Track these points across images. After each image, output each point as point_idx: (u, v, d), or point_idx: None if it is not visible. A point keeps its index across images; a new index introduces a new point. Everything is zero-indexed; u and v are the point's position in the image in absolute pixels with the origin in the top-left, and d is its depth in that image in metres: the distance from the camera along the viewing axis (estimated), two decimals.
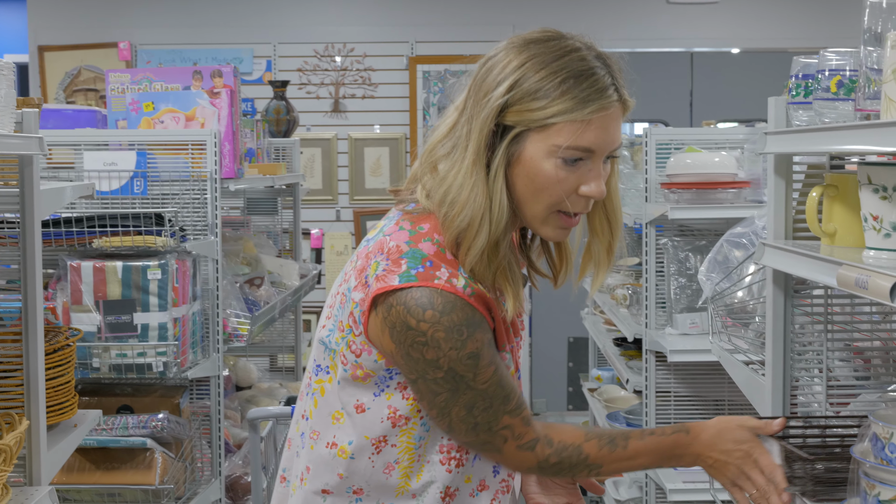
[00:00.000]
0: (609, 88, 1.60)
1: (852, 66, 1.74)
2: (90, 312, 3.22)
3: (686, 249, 3.64)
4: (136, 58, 6.93)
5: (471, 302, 1.61)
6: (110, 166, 3.54)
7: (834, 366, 2.03)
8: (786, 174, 1.98)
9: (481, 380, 1.62)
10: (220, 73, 3.79)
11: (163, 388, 3.55)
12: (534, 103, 1.58)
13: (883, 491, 1.36)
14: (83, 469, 3.24)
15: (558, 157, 1.58)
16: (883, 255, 1.59)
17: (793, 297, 2.01)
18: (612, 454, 1.68)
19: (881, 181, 1.60)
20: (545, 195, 1.61)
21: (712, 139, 3.85)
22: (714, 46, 7.68)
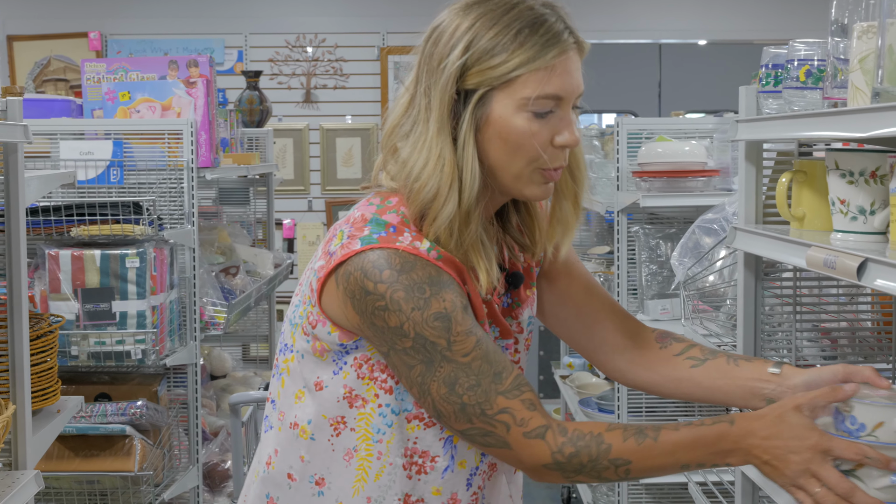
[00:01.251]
0: (564, 32, 1.55)
1: (820, 56, 1.81)
2: (68, 301, 3.24)
3: (657, 237, 3.71)
4: (106, 48, 6.92)
5: (435, 263, 1.52)
6: (87, 155, 3.56)
7: (802, 346, 2.10)
8: (756, 161, 2.04)
9: (459, 350, 1.49)
10: (196, 63, 3.82)
11: (140, 377, 3.59)
12: (493, 60, 1.51)
13: (843, 462, 1.43)
14: (62, 456, 3.26)
15: (528, 111, 1.52)
16: (850, 237, 1.66)
17: (763, 280, 2.07)
18: (640, 447, 1.46)
19: (848, 166, 1.67)
20: (522, 152, 1.53)
21: (682, 129, 3.92)
22: (682, 38, 7.76)
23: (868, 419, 1.45)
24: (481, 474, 1.67)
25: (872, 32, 1.52)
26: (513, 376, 1.51)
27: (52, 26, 6.95)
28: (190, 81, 3.75)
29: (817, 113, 1.63)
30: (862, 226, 1.65)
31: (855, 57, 1.55)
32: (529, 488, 5.80)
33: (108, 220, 3.29)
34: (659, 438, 1.46)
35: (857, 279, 1.43)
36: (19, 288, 2.23)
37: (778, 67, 1.90)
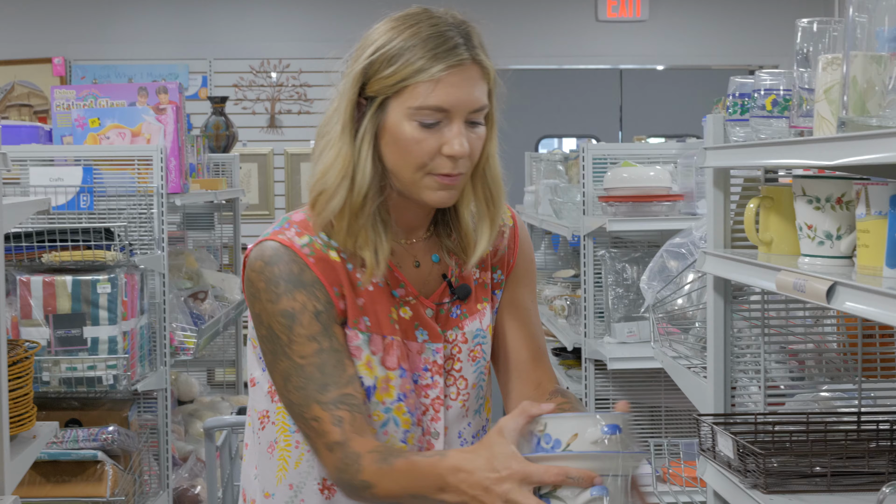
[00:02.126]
0: (459, 48, 1.60)
1: (786, 86, 1.87)
2: (40, 326, 3.24)
3: (623, 260, 3.77)
4: (70, 73, 6.92)
5: (305, 260, 1.62)
6: (57, 182, 3.57)
7: (771, 367, 2.16)
8: (724, 187, 2.10)
9: (298, 352, 1.61)
10: (166, 90, 3.84)
11: (110, 402, 3.58)
12: (387, 70, 1.59)
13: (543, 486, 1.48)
14: (33, 482, 3.25)
15: (414, 120, 1.59)
16: (817, 261, 1.72)
17: (731, 303, 2.13)
18: (380, 470, 1.55)
19: (815, 193, 1.73)
20: (410, 158, 1.60)
21: (646, 154, 3.99)
22: (641, 63, 7.88)
23: (561, 433, 1.47)
24: None
25: (837, 64, 1.59)
26: (338, 393, 1.60)
27: (16, 51, 6.94)
28: (159, 108, 3.78)
29: (785, 141, 1.69)
30: (829, 250, 1.72)
31: (820, 87, 1.62)
32: None
33: (79, 246, 3.30)
34: (394, 465, 1.55)
35: (826, 302, 1.48)
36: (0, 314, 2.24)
37: (745, 96, 1.96)
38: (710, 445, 2.04)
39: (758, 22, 7.61)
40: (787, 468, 1.88)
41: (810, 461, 1.88)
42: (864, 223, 1.56)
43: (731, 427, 2.03)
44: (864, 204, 1.56)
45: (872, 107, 1.50)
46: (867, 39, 1.52)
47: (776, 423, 2.01)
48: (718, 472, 1.99)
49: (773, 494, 1.82)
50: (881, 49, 1.49)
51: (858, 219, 1.57)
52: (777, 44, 7.36)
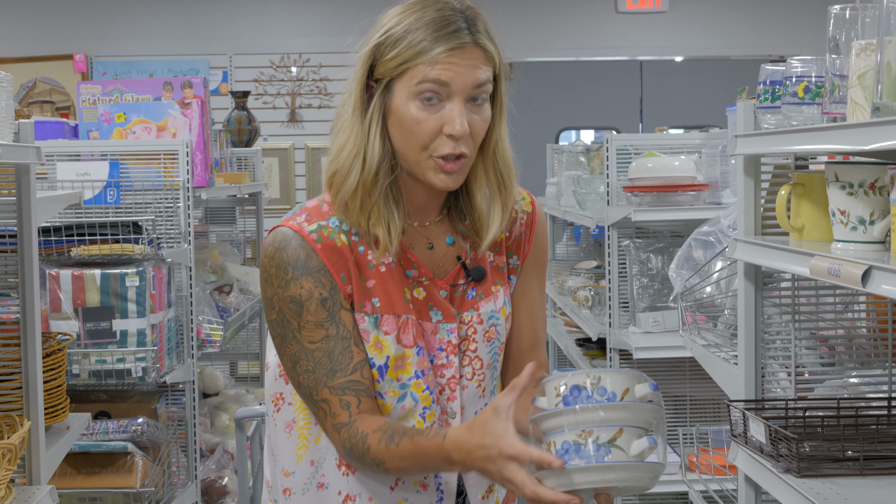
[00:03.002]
0: (461, 31, 1.63)
1: (817, 73, 1.87)
2: (69, 320, 3.27)
3: (647, 251, 3.78)
4: (91, 69, 6.96)
5: (313, 246, 1.66)
6: (83, 176, 3.60)
7: (801, 353, 2.16)
8: (755, 174, 2.11)
9: (307, 337, 1.66)
10: (191, 84, 3.87)
11: (139, 395, 3.62)
12: (391, 52, 1.63)
13: None
14: (65, 474, 3.29)
15: (417, 99, 1.62)
16: (850, 246, 1.73)
17: (762, 290, 2.13)
18: (387, 450, 1.62)
19: (847, 178, 1.73)
20: (413, 139, 1.64)
21: (670, 144, 3.99)
22: (661, 55, 7.87)
23: (616, 387, 1.50)
24: None
25: (871, 50, 1.59)
26: (346, 379, 1.67)
27: (37, 48, 6.99)
28: (185, 102, 3.80)
29: (818, 127, 1.70)
30: (862, 235, 1.72)
31: (853, 73, 1.62)
32: None
33: (107, 240, 3.33)
34: (400, 444, 1.61)
35: (862, 286, 1.49)
36: (32, 306, 2.27)
37: (776, 84, 1.97)
38: (741, 431, 2.05)
39: (777, 12, 7.59)
40: (818, 452, 1.89)
41: (842, 445, 1.89)
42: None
43: (762, 413, 2.04)
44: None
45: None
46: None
47: (807, 409, 2.02)
48: (750, 457, 2.00)
49: (806, 478, 1.83)
50: None
51: (893, 203, 1.58)
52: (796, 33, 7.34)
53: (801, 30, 7.38)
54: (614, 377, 1.51)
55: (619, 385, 1.51)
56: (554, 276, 5.33)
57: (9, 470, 2.04)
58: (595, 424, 1.48)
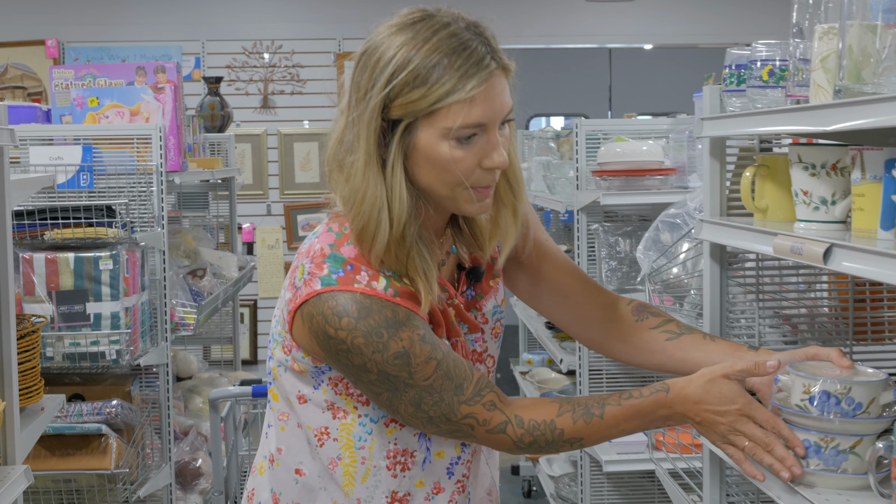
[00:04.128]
0: (486, 58, 1.55)
1: (781, 57, 1.90)
2: (43, 303, 3.26)
3: (616, 234, 3.80)
4: (63, 55, 6.90)
5: (395, 301, 1.59)
6: (56, 161, 3.58)
7: (765, 332, 2.19)
8: (720, 156, 2.13)
9: (420, 377, 1.58)
10: (164, 69, 3.85)
11: (113, 377, 3.61)
12: (415, 93, 1.53)
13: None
14: (39, 456, 3.28)
15: (451, 139, 1.55)
16: (813, 225, 1.75)
17: (727, 270, 2.16)
18: (589, 425, 1.61)
19: (810, 160, 1.76)
20: (448, 177, 1.57)
21: (638, 130, 4.01)
22: (629, 42, 7.90)
23: (863, 398, 1.59)
24: (464, 464, 1.76)
25: (833, 34, 1.61)
26: (473, 384, 1.61)
27: (8, 34, 6.92)
28: (158, 87, 3.79)
29: (782, 109, 1.72)
30: (824, 215, 1.75)
31: (816, 57, 1.64)
32: None
33: (81, 224, 3.32)
34: (605, 415, 1.61)
35: (823, 263, 1.51)
36: (7, 289, 2.26)
37: (741, 68, 1.99)
38: None
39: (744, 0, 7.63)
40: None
41: None
42: (860, 187, 1.59)
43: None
44: (860, 169, 1.59)
45: (867, 75, 1.53)
46: (862, 10, 1.55)
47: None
48: None
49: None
50: (875, 19, 1.51)
51: (854, 183, 1.60)
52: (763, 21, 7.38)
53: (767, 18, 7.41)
54: (863, 389, 1.59)
55: (865, 396, 1.59)
56: None
57: None
58: (839, 433, 1.59)
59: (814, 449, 1.61)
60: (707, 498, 2.21)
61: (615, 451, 3.66)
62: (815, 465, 1.61)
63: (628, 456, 3.63)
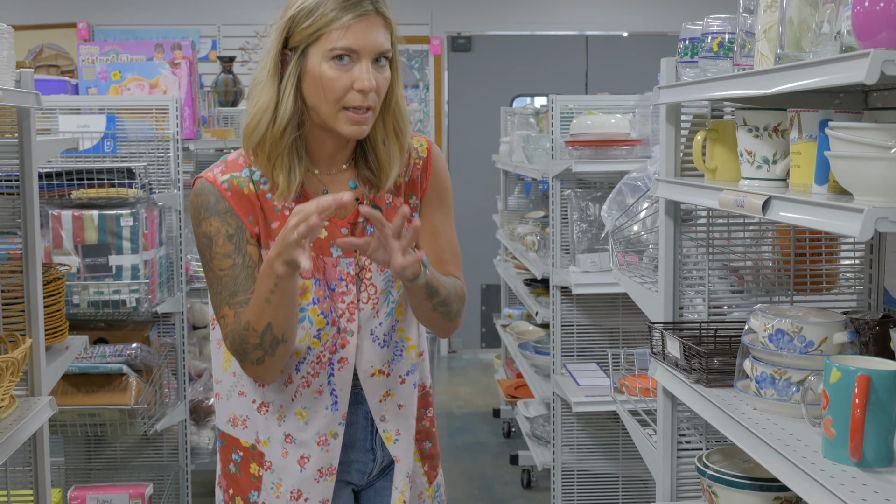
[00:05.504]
0: (364, 2, 1.71)
1: (730, 31, 1.88)
2: (70, 255, 3.25)
3: (587, 199, 3.79)
4: (93, 37, 6.84)
5: (222, 192, 1.76)
6: (83, 128, 3.56)
7: (714, 283, 2.19)
8: (675, 122, 2.12)
9: (217, 265, 1.76)
10: (180, 46, 3.82)
11: (133, 324, 3.60)
12: (305, 22, 1.69)
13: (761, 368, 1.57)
14: (66, 392, 3.28)
15: (330, 60, 1.69)
16: (756, 183, 1.75)
17: (681, 225, 2.15)
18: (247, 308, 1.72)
19: (754, 123, 1.75)
20: (328, 94, 1.71)
21: (608, 105, 4.00)
22: (606, 30, 7.85)
23: (815, 336, 1.61)
24: (310, 363, 1.82)
25: (775, 7, 1.60)
26: (245, 297, 1.74)
27: (44, 17, 6.87)
28: (174, 63, 3.76)
29: (729, 76, 1.71)
30: (766, 173, 1.74)
31: (760, 28, 1.63)
32: (472, 422, 5.90)
33: (104, 185, 3.30)
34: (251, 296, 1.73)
35: (762, 214, 1.51)
36: (33, 239, 2.25)
37: (694, 41, 1.97)
38: (660, 349, 2.08)
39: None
40: (726, 367, 1.92)
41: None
42: (797, 146, 1.59)
43: (678, 333, 2.06)
44: (797, 129, 1.58)
45: (806, 44, 1.52)
46: None
47: (718, 329, 2.05)
48: (667, 372, 2.03)
49: (714, 388, 1.86)
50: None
51: (792, 142, 1.59)
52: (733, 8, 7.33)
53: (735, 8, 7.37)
54: (813, 328, 1.62)
55: (817, 335, 1.62)
56: (506, 225, 5.34)
57: (12, 381, 2.03)
58: (790, 367, 1.63)
59: (769, 381, 1.63)
60: (661, 430, 2.22)
61: (583, 394, 3.68)
62: (770, 395, 1.62)
63: (595, 398, 3.64)
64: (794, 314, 1.66)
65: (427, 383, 1.99)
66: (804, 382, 1.58)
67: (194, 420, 4.04)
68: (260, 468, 1.87)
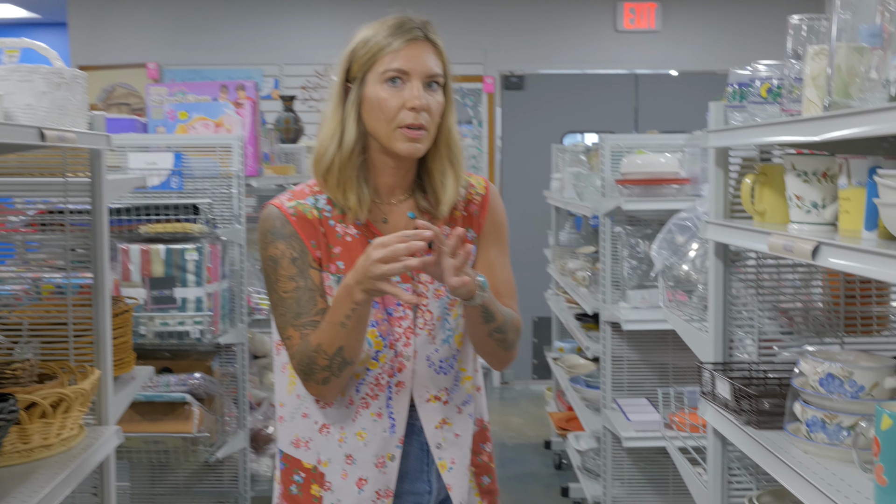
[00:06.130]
0: (415, 30, 1.77)
1: (778, 76, 1.87)
2: (137, 287, 3.30)
3: (636, 236, 3.77)
4: (162, 76, 6.99)
5: (288, 217, 1.81)
6: (151, 165, 3.62)
7: (764, 323, 2.16)
8: (724, 165, 2.10)
9: (282, 288, 1.79)
10: (244, 87, 3.88)
11: (197, 354, 3.64)
12: (362, 51, 1.77)
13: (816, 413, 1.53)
14: (132, 420, 3.32)
15: (384, 82, 1.75)
16: (805, 227, 1.73)
17: (730, 266, 2.13)
18: (318, 331, 1.74)
19: (803, 168, 1.73)
20: (383, 114, 1.76)
21: (657, 144, 3.98)
22: (655, 69, 7.82)
23: (865, 381, 1.58)
24: (369, 385, 1.84)
25: (823, 54, 1.59)
26: (308, 319, 1.77)
27: (117, 58, 7.04)
28: (238, 103, 3.82)
29: (777, 122, 1.69)
30: (815, 217, 1.72)
31: (808, 75, 1.62)
32: (523, 453, 5.86)
33: (170, 220, 3.36)
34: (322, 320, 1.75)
35: (811, 259, 1.49)
36: (103, 273, 2.29)
37: (743, 86, 1.96)
38: (710, 389, 2.05)
39: (761, 28, 7.53)
40: (776, 409, 1.88)
41: None
42: (846, 192, 1.56)
43: (728, 373, 2.03)
44: (846, 175, 1.56)
45: (854, 91, 1.50)
46: (850, 33, 1.52)
47: (768, 370, 2.02)
48: (717, 412, 2.00)
49: (764, 430, 1.83)
50: (862, 42, 1.49)
51: (840, 188, 1.57)
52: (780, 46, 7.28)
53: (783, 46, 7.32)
54: (864, 373, 1.60)
55: (867, 380, 1.60)
56: (557, 259, 5.32)
57: (80, 411, 2.07)
58: (840, 411, 1.61)
59: (819, 424, 1.59)
60: (711, 470, 2.18)
61: (634, 429, 3.64)
62: (820, 438, 1.59)
63: (644, 434, 3.60)
64: (845, 358, 1.63)
65: (485, 418, 1.98)
66: (855, 427, 1.54)
67: (254, 448, 4.06)
68: (321, 489, 1.88)
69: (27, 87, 1.93)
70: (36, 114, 1.94)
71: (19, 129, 1.72)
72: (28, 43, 2.13)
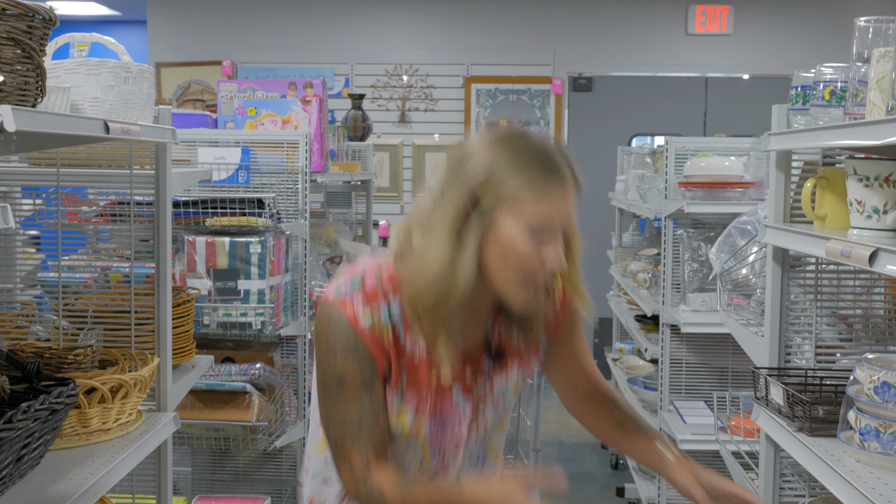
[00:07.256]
0: (563, 167, 1.54)
1: (843, 79, 1.80)
2: (202, 279, 3.34)
3: (698, 239, 3.70)
4: (236, 73, 7.08)
5: (362, 337, 1.59)
6: (220, 160, 3.66)
7: (822, 330, 2.09)
8: (785, 168, 2.04)
9: (343, 405, 1.61)
10: (311, 85, 3.90)
11: (259, 344, 3.67)
12: (502, 183, 1.51)
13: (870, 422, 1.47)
14: (194, 407, 3.36)
15: (525, 228, 1.52)
16: (865, 232, 1.66)
17: (789, 272, 2.07)
18: (402, 496, 1.58)
19: (865, 172, 1.67)
20: (518, 271, 1.54)
21: (722, 147, 3.90)
22: (726, 72, 7.68)
23: None
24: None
25: (888, 57, 1.52)
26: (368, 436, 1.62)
27: (193, 55, 7.14)
28: (306, 100, 3.84)
29: (839, 125, 1.64)
30: (876, 223, 1.65)
31: (873, 78, 1.56)
32: (581, 452, 5.80)
33: (236, 213, 3.38)
34: (414, 489, 1.59)
35: (868, 266, 1.43)
36: (165, 264, 2.31)
37: (806, 89, 1.90)
38: (763, 395, 1.99)
39: (834, 31, 7.35)
40: (830, 417, 1.82)
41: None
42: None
43: (783, 379, 1.98)
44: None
45: None
46: None
47: (824, 377, 1.95)
48: (770, 418, 1.95)
49: (817, 437, 1.77)
50: None
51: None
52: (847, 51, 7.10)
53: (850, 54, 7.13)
54: None
55: None
56: (619, 261, 5.25)
57: (139, 397, 2.09)
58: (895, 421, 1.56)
59: (873, 433, 1.53)
60: (762, 476, 2.12)
61: (689, 432, 3.57)
62: (874, 448, 1.53)
63: (700, 437, 3.53)
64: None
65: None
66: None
67: None
68: None
69: (94, 81, 1.96)
70: (102, 107, 1.96)
71: (84, 121, 1.74)
72: (97, 38, 2.16)
